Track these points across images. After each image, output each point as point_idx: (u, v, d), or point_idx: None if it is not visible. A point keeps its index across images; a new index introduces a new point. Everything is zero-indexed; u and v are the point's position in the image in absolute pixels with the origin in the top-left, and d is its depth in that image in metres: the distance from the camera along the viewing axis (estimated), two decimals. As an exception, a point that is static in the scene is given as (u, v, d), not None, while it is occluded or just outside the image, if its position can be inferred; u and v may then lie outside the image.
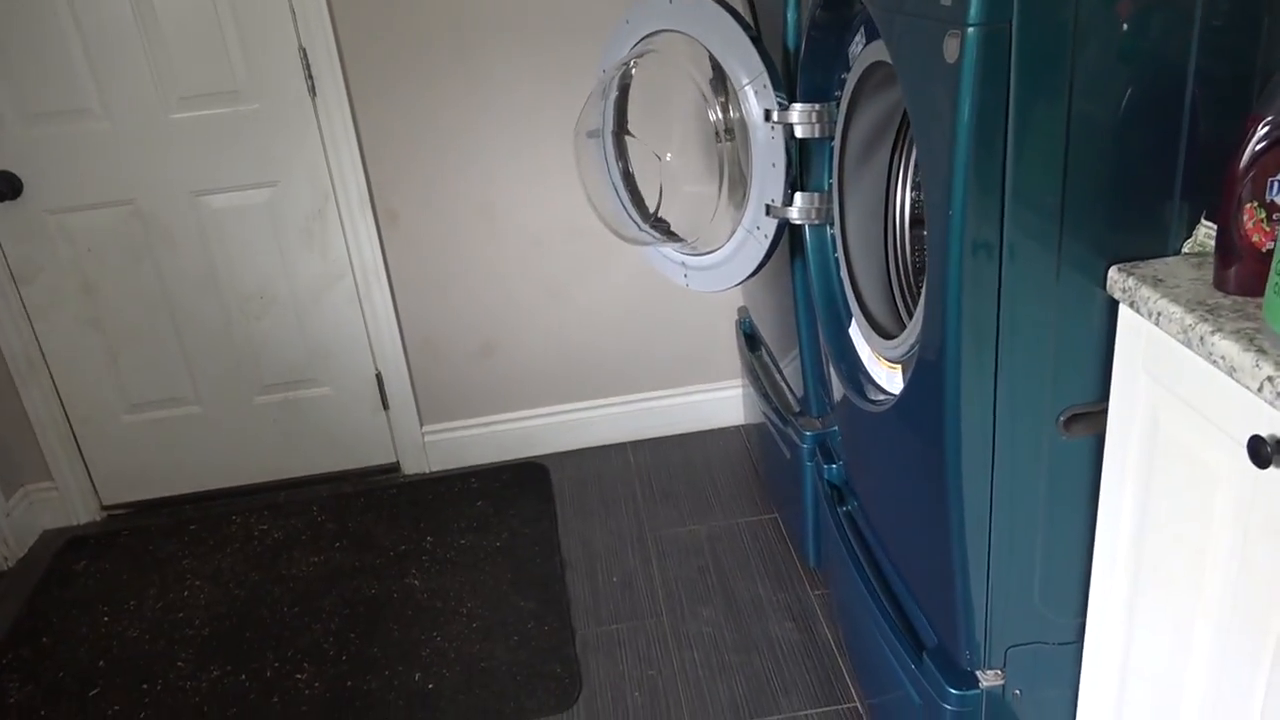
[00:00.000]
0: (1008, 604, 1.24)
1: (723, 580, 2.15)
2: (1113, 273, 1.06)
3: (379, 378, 2.62)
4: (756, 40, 1.65)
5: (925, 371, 1.19)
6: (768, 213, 1.69)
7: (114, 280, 2.45)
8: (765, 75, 1.62)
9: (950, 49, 0.99)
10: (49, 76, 2.24)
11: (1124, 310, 1.06)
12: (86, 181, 2.34)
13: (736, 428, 2.78)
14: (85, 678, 2.04)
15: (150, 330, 2.50)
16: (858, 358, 1.55)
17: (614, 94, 2.03)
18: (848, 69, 1.51)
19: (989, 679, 1.28)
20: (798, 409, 2.05)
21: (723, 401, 2.77)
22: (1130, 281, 1.03)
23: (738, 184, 1.95)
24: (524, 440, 2.74)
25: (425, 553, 2.34)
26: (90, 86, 2.26)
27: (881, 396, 1.44)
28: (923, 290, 1.17)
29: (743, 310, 2.61)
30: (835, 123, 1.58)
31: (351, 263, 2.49)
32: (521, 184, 2.48)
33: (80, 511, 2.63)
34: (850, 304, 1.57)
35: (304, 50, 2.28)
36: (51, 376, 2.50)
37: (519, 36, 2.34)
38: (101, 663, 2.08)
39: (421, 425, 2.68)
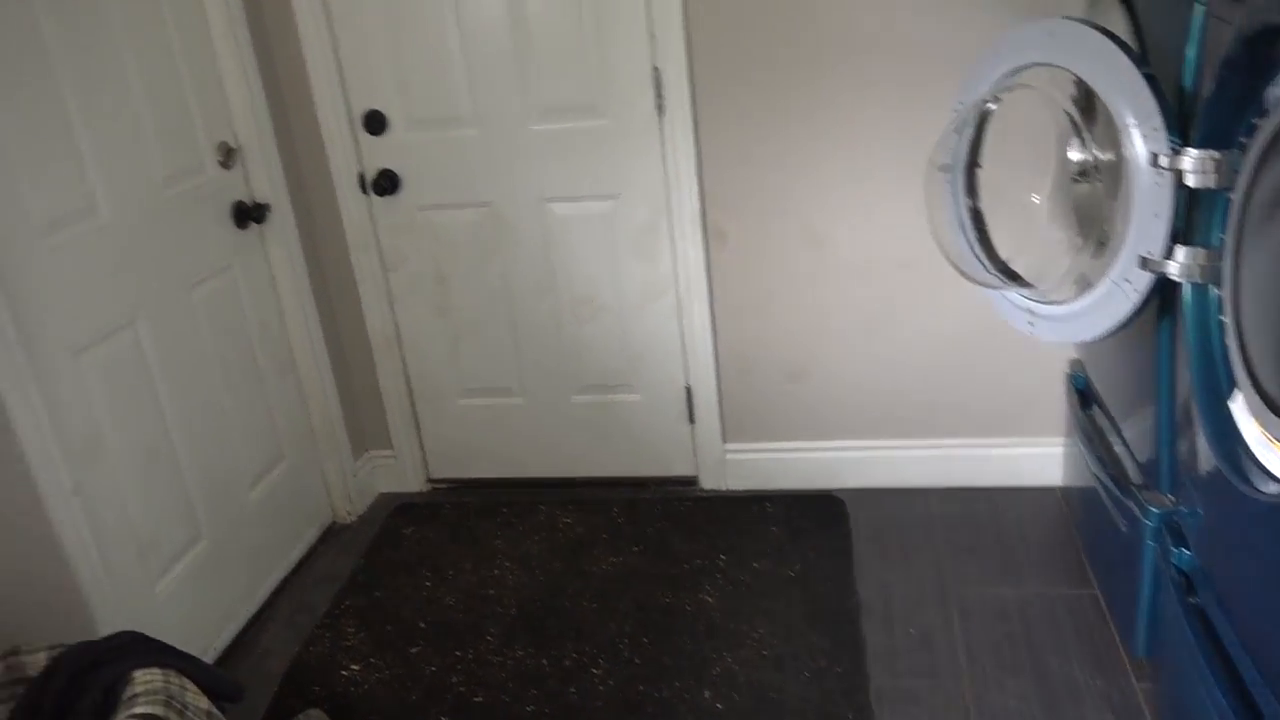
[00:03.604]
0: None
1: (1032, 652, 2.00)
2: None
3: (689, 391, 2.68)
4: (1151, 78, 1.52)
5: (1351, 467, 1.03)
6: (1143, 266, 1.55)
7: (464, 274, 2.67)
8: (1159, 117, 1.49)
9: None
10: (433, 87, 2.48)
11: None
12: (453, 182, 2.57)
13: (1052, 489, 2.59)
14: (408, 634, 2.24)
15: (489, 324, 2.70)
16: (1241, 436, 1.38)
17: (970, 129, 1.95)
18: (1261, 113, 1.35)
19: (1388, 833, 1.09)
20: (1141, 481, 1.87)
21: (1038, 458, 2.59)
22: None
23: (1093, 230, 1.81)
24: (823, 470, 2.69)
25: (719, 570, 2.36)
26: (466, 97, 2.48)
27: (1275, 487, 1.27)
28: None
29: (1075, 364, 2.43)
30: (1236, 172, 1.42)
31: (676, 277, 2.56)
32: (852, 212, 2.44)
33: (411, 481, 2.89)
34: (1237, 374, 1.41)
35: (657, 70, 2.37)
36: (403, 356, 2.77)
37: (868, 64, 2.30)
38: (422, 624, 2.27)
39: (724, 442, 2.71)
